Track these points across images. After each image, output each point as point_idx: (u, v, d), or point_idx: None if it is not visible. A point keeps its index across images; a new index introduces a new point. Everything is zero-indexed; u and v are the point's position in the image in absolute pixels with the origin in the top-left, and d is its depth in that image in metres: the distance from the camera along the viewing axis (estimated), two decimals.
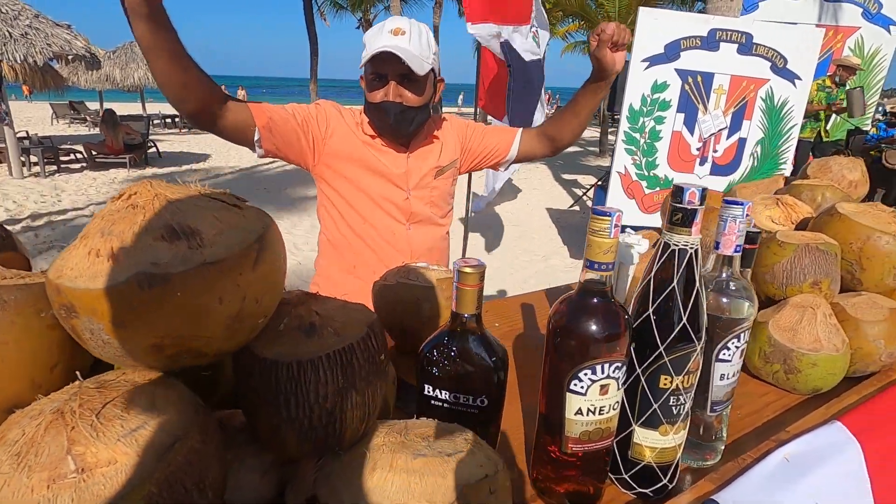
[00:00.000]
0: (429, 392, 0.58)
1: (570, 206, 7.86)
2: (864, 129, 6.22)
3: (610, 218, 0.51)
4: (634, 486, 0.61)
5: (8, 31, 7.05)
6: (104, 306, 0.33)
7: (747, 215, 0.60)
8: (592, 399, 0.54)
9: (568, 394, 0.55)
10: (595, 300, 0.54)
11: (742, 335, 0.63)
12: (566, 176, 10.60)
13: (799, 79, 3.97)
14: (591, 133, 20.71)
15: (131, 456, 0.32)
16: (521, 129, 1.34)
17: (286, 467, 0.48)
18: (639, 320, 0.57)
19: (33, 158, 8.02)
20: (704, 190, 0.53)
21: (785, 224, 1.06)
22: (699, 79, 3.92)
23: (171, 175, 8.67)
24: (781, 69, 3.95)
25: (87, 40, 10.65)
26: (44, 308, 0.38)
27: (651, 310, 0.56)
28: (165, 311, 0.34)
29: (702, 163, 4.12)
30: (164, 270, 0.34)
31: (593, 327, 0.53)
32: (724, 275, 0.63)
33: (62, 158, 8.58)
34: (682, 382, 0.57)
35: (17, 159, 7.61)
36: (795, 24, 5.96)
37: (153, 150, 10.17)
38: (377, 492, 0.41)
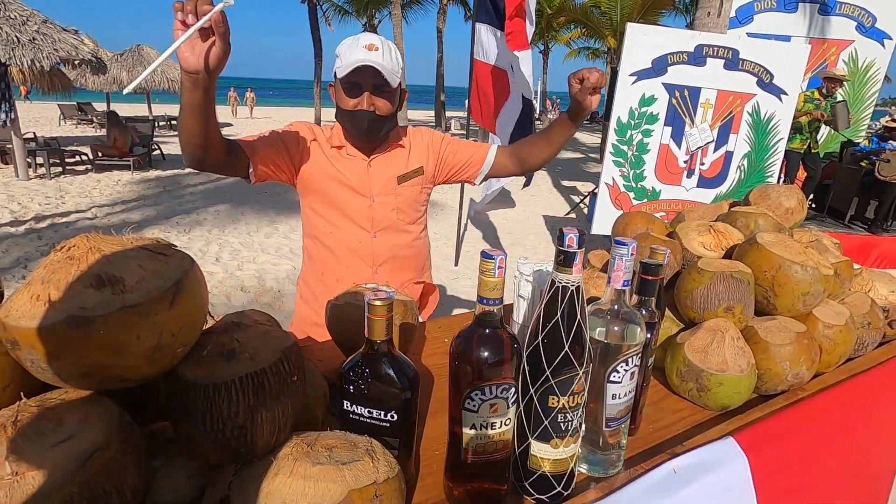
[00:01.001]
0: (347, 407, 0.66)
1: (567, 214, 7.93)
2: (858, 141, 6.28)
3: (494, 261, 0.59)
4: (533, 492, 0.69)
5: (16, 36, 7.21)
6: (40, 342, 0.42)
7: (632, 254, 0.68)
8: (484, 416, 0.62)
9: (463, 411, 0.63)
10: (486, 330, 0.62)
11: (630, 359, 0.70)
12: (566, 183, 10.66)
13: (785, 94, 4.04)
14: (593, 139, 20.77)
15: (57, 462, 0.40)
16: (495, 144, 1.42)
17: (209, 473, 0.56)
18: (530, 347, 0.65)
19: (39, 160, 8.18)
20: (582, 234, 0.61)
21: (715, 250, 1.13)
22: (686, 93, 4.00)
23: (173, 177, 8.81)
24: (768, 84, 4.02)
25: (94, 43, 10.81)
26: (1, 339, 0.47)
27: (540, 338, 0.64)
28: (90, 346, 0.43)
29: (689, 175, 4.20)
30: (89, 314, 0.42)
31: (482, 354, 0.61)
32: (615, 306, 0.71)
33: (67, 160, 8.74)
34: (568, 402, 0.65)
35: (22, 161, 7.76)
36: (789, 37, 6.03)
37: (157, 152, 10.32)
38: (276, 494, 0.50)
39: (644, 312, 0.80)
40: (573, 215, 7.81)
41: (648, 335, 0.79)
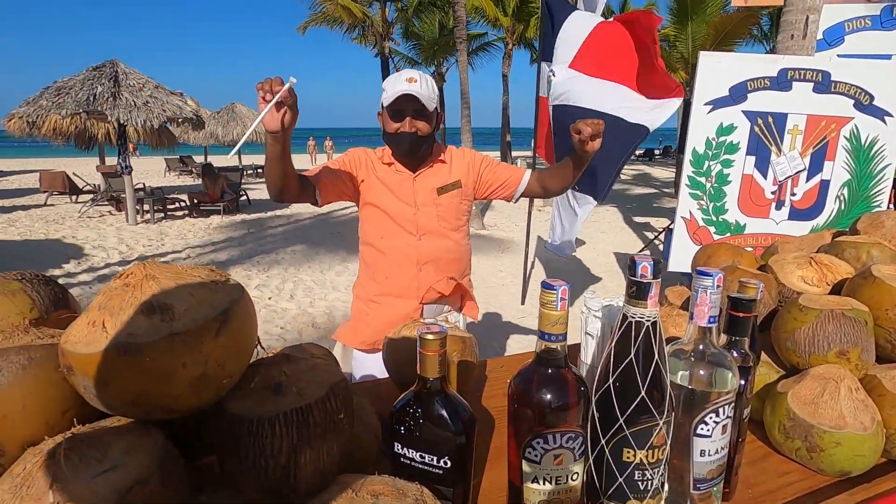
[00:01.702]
0: (398, 449, 0.62)
1: (640, 252, 7.56)
2: None
3: (556, 291, 0.53)
4: None
5: (134, 100, 8.29)
6: (92, 368, 0.42)
7: (718, 286, 0.59)
8: (547, 468, 0.55)
9: (523, 461, 0.56)
10: (549, 370, 0.56)
11: (721, 409, 0.60)
12: (638, 219, 10.24)
13: (889, 115, 3.65)
14: (667, 173, 19.96)
15: (97, 493, 0.39)
16: (529, 169, 1.60)
17: None
18: (600, 391, 0.57)
19: (146, 207, 9.17)
20: (657, 262, 0.54)
21: (819, 286, 0.99)
22: (770, 119, 3.73)
23: (257, 220, 9.50)
24: (867, 106, 3.65)
25: (196, 103, 12.16)
26: (60, 364, 0.48)
27: (611, 381, 0.56)
28: (138, 374, 0.42)
29: (778, 207, 3.85)
30: (137, 340, 0.42)
31: (544, 396, 0.54)
32: (700, 346, 0.62)
33: (169, 206, 9.73)
34: (647, 457, 0.56)
35: (132, 208, 8.74)
36: (889, 55, 5.52)
37: (244, 198, 11.22)
38: None
39: (735, 355, 0.70)
40: (647, 252, 7.42)
41: (742, 381, 0.68)
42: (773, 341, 0.91)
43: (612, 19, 3.45)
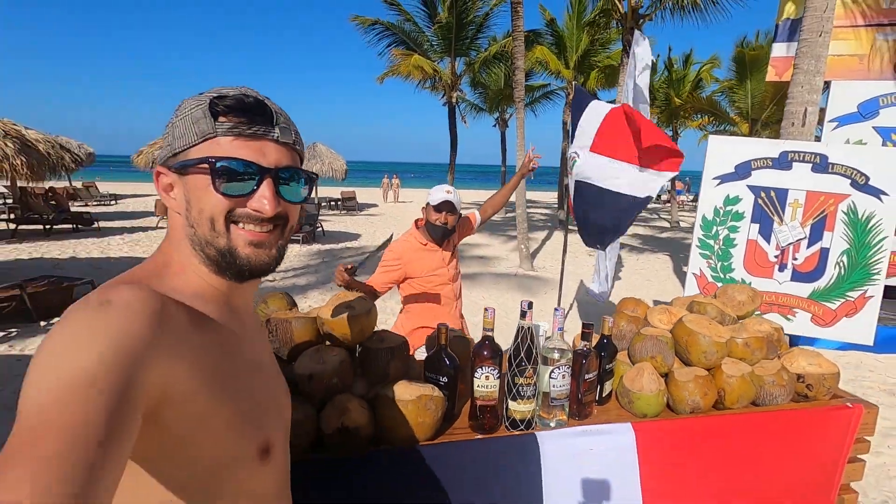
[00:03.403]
0: (427, 374, 1.48)
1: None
2: None
3: (488, 311, 1.39)
4: (509, 427, 1.42)
5: None
6: (330, 324, 1.33)
7: (562, 315, 1.42)
8: (482, 381, 1.40)
9: (473, 378, 1.41)
10: (486, 341, 1.41)
11: (560, 367, 1.42)
12: (686, 268, 10.55)
13: (886, 194, 4.13)
14: None
15: (333, 359, 1.31)
16: (477, 210, 2.69)
17: (382, 379, 1.43)
18: (510, 353, 1.42)
19: None
20: (530, 303, 1.39)
21: (667, 324, 1.76)
22: (773, 194, 4.33)
23: (330, 250, 10.82)
24: (863, 185, 4.17)
25: None
26: (316, 322, 1.40)
27: (511, 349, 1.41)
28: (348, 325, 1.33)
29: (781, 269, 4.38)
30: (345, 314, 1.33)
31: (483, 352, 1.40)
32: (555, 340, 1.44)
33: None
34: (524, 381, 1.39)
35: None
36: None
37: (319, 229, 12.69)
38: (394, 391, 1.33)
39: (584, 349, 1.51)
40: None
41: (583, 360, 1.49)
42: (628, 349, 1.70)
43: (619, 105, 4.26)
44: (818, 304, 4.40)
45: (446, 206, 2.32)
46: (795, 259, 4.34)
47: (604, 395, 1.61)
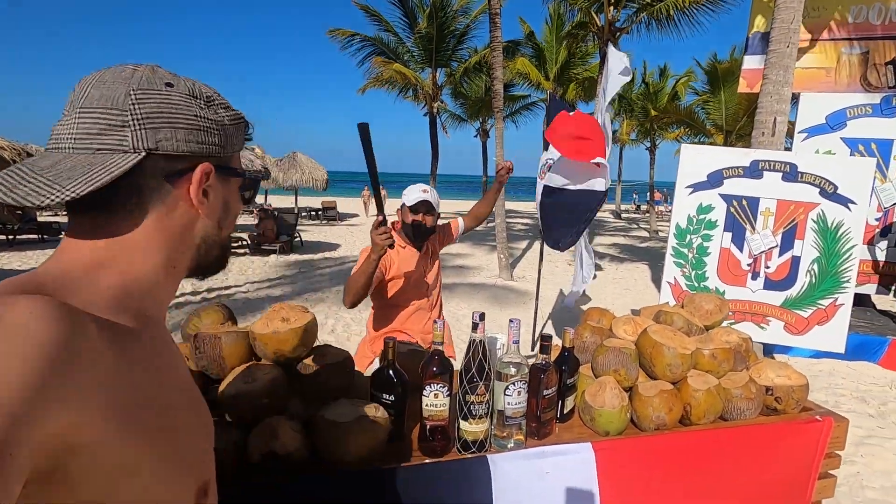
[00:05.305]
0: (372, 391, 1.37)
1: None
2: None
3: (438, 324, 1.29)
4: (461, 450, 1.32)
5: None
6: (263, 339, 1.22)
7: (517, 327, 1.33)
8: (431, 399, 1.29)
9: (422, 395, 1.30)
10: (436, 357, 1.31)
11: (516, 384, 1.33)
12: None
13: (853, 203, 4.18)
14: None
15: (262, 378, 1.19)
16: (460, 217, 2.58)
17: (324, 396, 1.31)
18: (461, 368, 1.32)
19: None
20: (482, 314, 1.29)
21: (632, 335, 1.68)
22: (744, 202, 4.34)
23: (308, 261, 10.63)
24: (832, 194, 4.21)
25: (262, 151, 13.74)
26: (248, 338, 1.29)
27: (462, 365, 1.31)
28: (276, 342, 1.22)
29: (754, 277, 4.38)
30: (277, 329, 1.22)
31: (431, 368, 1.29)
32: (510, 355, 1.35)
33: (232, 245, 11.07)
34: (476, 399, 1.29)
35: None
36: (891, 141, 6.02)
37: (297, 239, 12.47)
38: (332, 410, 1.22)
39: (543, 364, 1.42)
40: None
41: (542, 376, 1.40)
42: (591, 362, 1.62)
43: (572, 114, 4.49)
44: (791, 312, 4.41)
45: (423, 207, 2.19)
46: (768, 267, 4.35)
47: (565, 412, 1.52)
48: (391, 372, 1.35)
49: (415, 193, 2.19)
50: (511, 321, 1.34)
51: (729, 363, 1.59)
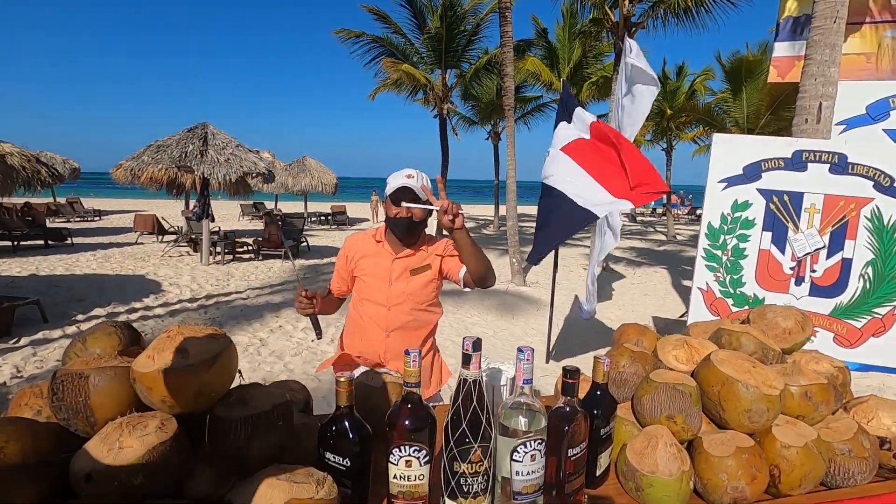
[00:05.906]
0: (321, 452, 0.95)
1: (681, 316, 7.45)
2: None
3: (410, 356, 0.87)
4: None
5: (217, 157, 9.50)
6: (146, 381, 0.81)
7: (528, 360, 0.90)
8: (401, 468, 0.87)
9: (388, 463, 0.88)
10: (409, 405, 0.89)
11: (528, 444, 0.90)
12: (686, 282, 10.06)
13: None
14: None
15: (144, 442, 0.77)
16: (464, 266, 1.77)
17: (225, 477, 0.89)
18: (446, 423, 0.89)
19: (218, 249, 10.22)
20: (477, 341, 0.87)
21: (686, 364, 1.24)
22: (786, 198, 3.85)
23: (313, 266, 10.28)
24: (888, 188, 3.70)
25: (272, 156, 13.46)
26: (129, 378, 0.88)
27: (449, 416, 0.88)
28: (167, 386, 0.80)
29: (798, 283, 3.88)
30: (170, 367, 0.80)
31: (399, 421, 0.87)
32: (520, 398, 0.92)
33: (237, 250, 10.76)
34: (468, 469, 0.86)
35: (206, 250, 9.78)
36: None
37: (304, 244, 12.16)
38: (251, 494, 0.80)
39: (568, 410, 0.98)
40: (686, 318, 7.31)
41: (566, 427, 0.97)
42: (633, 401, 1.17)
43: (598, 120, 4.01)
44: (841, 322, 3.88)
45: (405, 194, 1.67)
46: (814, 271, 3.85)
47: (598, 474, 1.08)
48: (347, 423, 0.93)
49: (397, 180, 1.69)
50: (520, 351, 0.91)
51: (828, 406, 1.14)
